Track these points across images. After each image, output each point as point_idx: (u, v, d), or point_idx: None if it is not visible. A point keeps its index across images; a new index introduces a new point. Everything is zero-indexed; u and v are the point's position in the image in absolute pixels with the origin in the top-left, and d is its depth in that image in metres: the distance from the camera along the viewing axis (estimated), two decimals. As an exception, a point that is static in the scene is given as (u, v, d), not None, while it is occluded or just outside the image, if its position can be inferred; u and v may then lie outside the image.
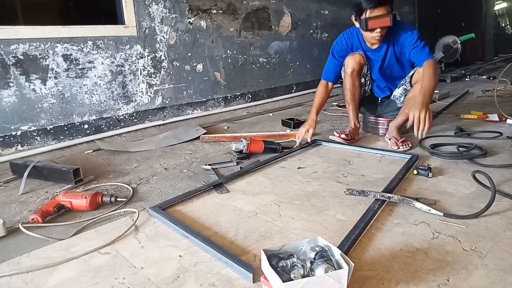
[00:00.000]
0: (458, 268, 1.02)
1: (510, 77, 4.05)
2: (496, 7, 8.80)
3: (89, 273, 1.07)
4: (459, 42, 5.18)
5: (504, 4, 9.08)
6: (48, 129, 2.34)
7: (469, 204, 1.40)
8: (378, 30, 2.01)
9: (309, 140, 2.20)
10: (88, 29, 2.44)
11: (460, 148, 2.00)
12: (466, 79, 5.14)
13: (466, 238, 1.17)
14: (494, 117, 2.71)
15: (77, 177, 1.77)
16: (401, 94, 2.32)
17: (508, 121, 2.58)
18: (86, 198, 1.46)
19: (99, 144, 2.41)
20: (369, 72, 2.34)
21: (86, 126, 2.51)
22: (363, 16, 1.99)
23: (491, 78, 4.88)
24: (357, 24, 2.10)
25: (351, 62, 2.22)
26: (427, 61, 2.00)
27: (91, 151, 2.37)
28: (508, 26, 9.23)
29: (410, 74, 2.24)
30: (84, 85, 2.46)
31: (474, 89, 4.20)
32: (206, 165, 1.97)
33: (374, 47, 2.18)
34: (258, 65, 3.62)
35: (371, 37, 2.09)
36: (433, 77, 1.92)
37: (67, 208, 1.47)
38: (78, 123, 2.47)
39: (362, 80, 2.35)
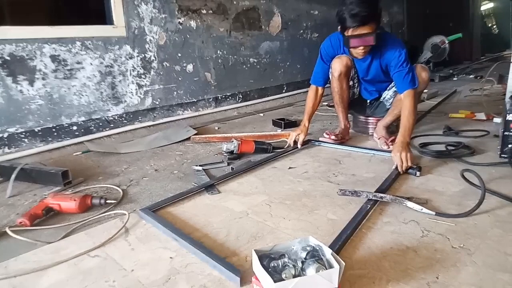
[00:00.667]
0: (447, 265, 1.03)
1: (496, 77, 4.12)
2: (483, 8, 8.94)
3: (79, 276, 1.06)
4: (446, 42, 5.25)
5: (491, 5, 9.22)
6: (36, 131, 2.30)
7: (458, 203, 1.42)
8: (361, 47, 1.95)
9: (298, 146, 2.20)
10: (76, 29, 2.41)
11: (448, 147, 2.03)
12: (454, 79, 5.21)
13: (455, 235, 1.19)
14: (482, 116, 2.75)
15: (66, 179, 1.75)
16: (391, 96, 2.32)
17: (495, 119, 2.62)
18: (75, 200, 1.44)
19: (88, 146, 2.38)
20: (356, 75, 2.34)
21: (75, 128, 2.47)
22: (346, 33, 1.92)
23: (478, 78, 4.95)
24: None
25: (338, 65, 2.19)
26: (407, 92, 1.95)
27: (80, 153, 2.34)
28: (495, 26, 9.39)
29: None
30: (72, 86, 2.43)
31: (461, 88, 4.26)
32: (197, 166, 1.96)
33: (359, 57, 2.12)
34: (248, 65, 3.62)
35: (355, 53, 2.03)
36: (412, 113, 1.92)
37: (56, 210, 1.45)
38: (66, 125, 2.43)
39: (351, 82, 2.35)
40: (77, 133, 2.49)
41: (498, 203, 1.39)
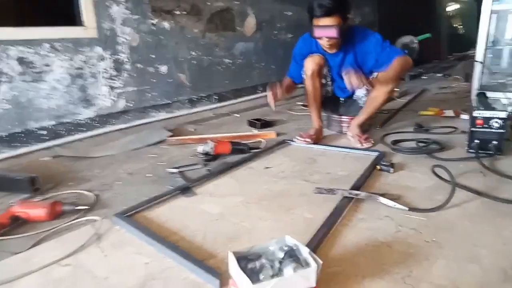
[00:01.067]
0: (420, 259, 1.06)
1: (463, 75, 4.27)
2: (448, 8, 9.25)
3: (50, 286, 1.02)
4: (416, 41, 5.39)
5: (456, 6, 9.56)
6: (2, 136, 2.21)
7: (429, 197, 1.46)
8: (326, 39, 2.02)
9: (278, 96, 2.22)
10: (44, 30, 2.33)
11: (419, 144, 2.08)
12: (424, 77, 5.36)
13: (427, 230, 1.22)
14: (450, 113, 2.84)
15: (34, 185, 1.68)
16: (363, 94, 2.37)
17: (462, 116, 2.72)
18: (44, 207, 1.39)
19: (58, 151, 2.30)
20: (330, 73, 2.38)
21: (44, 132, 2.39)
22: (313, 23, 2.00)
23: (446, 76, 5.12)
24: None
25: (310, 64, 2.24)
26: (397, 58, 2.03)
27: (50, 158, 2.26)
28: (461, 26, 9.73)
29: (374, 75, 2.28)
30: (41, 89, 2.34)
31: (431, 86, 4.39)
32: (172, 168, 1.93)
33: (330, 52, 2.18)
34: (223, 66, 3.60)
35: (322, 45, 2.10)
36: (395, 75, 2.06)
37: (24, 219, 1.39)
38: (35, 129, 2.35)
39: (324, 80, 2.39)
40: (46, 137, 2.40)
41: (466, 197, 1.44)
